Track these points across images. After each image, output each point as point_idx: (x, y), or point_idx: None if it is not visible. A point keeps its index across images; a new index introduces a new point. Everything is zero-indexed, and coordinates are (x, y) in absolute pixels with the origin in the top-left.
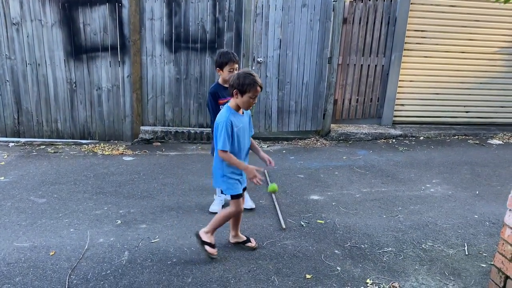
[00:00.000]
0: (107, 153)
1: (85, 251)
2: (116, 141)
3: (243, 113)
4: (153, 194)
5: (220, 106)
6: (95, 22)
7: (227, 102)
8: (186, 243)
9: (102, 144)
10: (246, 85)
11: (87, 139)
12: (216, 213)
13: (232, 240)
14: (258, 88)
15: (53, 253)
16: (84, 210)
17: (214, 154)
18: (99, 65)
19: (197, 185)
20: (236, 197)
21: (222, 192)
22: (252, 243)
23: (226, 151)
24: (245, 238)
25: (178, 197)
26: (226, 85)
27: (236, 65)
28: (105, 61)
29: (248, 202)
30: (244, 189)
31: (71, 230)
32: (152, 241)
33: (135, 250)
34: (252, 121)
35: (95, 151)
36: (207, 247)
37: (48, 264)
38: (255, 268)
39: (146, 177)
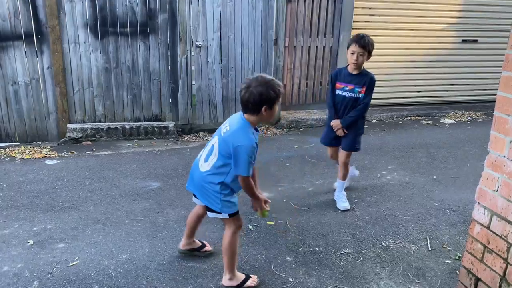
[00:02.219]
0: (27, 157)
1: None
2: (40, 142)
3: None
4: (77, 204)
5: (337, 91)
6: (2, 6)
7: (344, 88)
8: (112, 264)
9: (22, 146)
10: (275, 94)
11: (6, 142)
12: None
13: (184, 247)
14: (282, 90)
15: None
16: None
17: (208, 169)
18: (12, 56)
19: (130, 190)
20: (235, 214)
21: (209, 210)
22: (209, 248)
23: (248, 177)
24: (200, 244)
25: (106, 206)
26: (355, 72)
27: (360, 50)
28: (19, 51)
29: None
30: None
31: None
32: (70, 264)
33: (47, 278)
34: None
35: (13, 155)
36: (246, 284)
37: None
38: None
39: (71, 183)
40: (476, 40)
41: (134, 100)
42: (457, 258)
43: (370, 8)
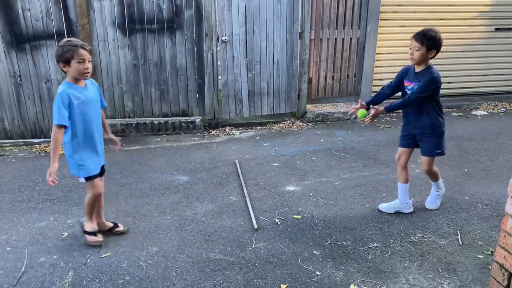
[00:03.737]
0: (61, 152)
1: (21, 275)
2: None
3: (85, 85)
4: (108, 198)
5: (405, 89)
6: (35, 6)
7: (407, 86)
8: (142, 255)
9: None
10: (66, 53)
11: (40, 138)
12: (433, 210)
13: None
14: (81, 50)
15: None
16: (26, 222)
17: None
18: (46, 55)
19: (159, 184)
20: (91, 178)
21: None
22: (121, 227)
23: (61, 126)
24: (112, 225)
25: (136, 200)
26: (418, 69)
27: (414, 44)
28: (51, 50)
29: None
30: (102, 169)
31: (8, 249)
32: (103, 255)
33: (81, 269)
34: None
35: (48, 150)
36: (88, 237)
37: None
38: (221, 281)
39: None
40: (511, 29)
41: (162, 95)
42: (489, 253)
43: None
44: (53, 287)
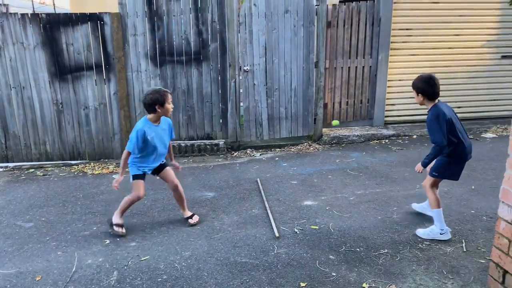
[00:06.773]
0: (97, 172)
1: (73, 274)
2: (107, 160)
3: (159, 123)
4: (143, 211)
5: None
6: (78, 41)
7: None
8: (176, 259)
9: (92, 163)
10: (162, 97)
11: (77, 160)
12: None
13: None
14: (169, 95)
15: (39, 278)
16: (73, 231)
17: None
18: (85, 84)
19: (188, 199)
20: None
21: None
22: (193, 220)
23: (128, 152)
24: (190, 214)
25: (169, 212)
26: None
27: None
28: (90, 80)
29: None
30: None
31: (59, 253)
32: (142, 258)
33: (124, 269)
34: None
35: (85, 171)
36: (115, 228)
37: None
38: (247, 280)
39: None
40: None
41: (189, 120)
42: (490, 258)
43: (407, 29)
44: (102, 284)
